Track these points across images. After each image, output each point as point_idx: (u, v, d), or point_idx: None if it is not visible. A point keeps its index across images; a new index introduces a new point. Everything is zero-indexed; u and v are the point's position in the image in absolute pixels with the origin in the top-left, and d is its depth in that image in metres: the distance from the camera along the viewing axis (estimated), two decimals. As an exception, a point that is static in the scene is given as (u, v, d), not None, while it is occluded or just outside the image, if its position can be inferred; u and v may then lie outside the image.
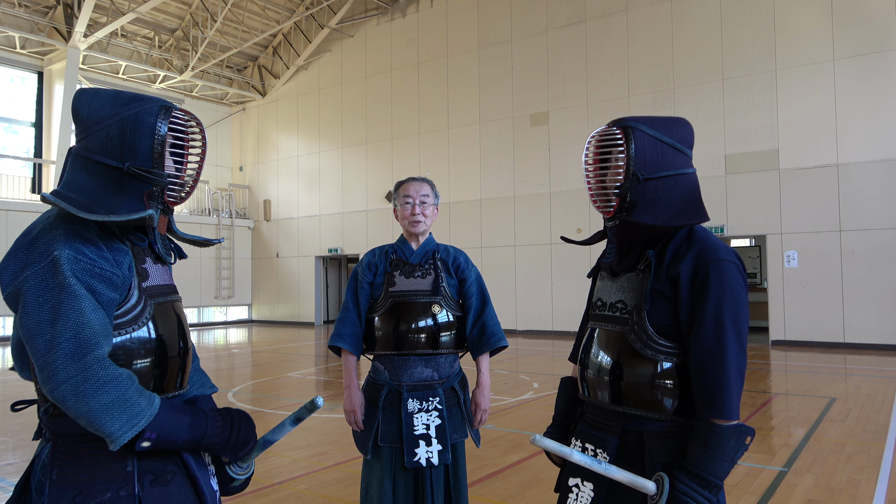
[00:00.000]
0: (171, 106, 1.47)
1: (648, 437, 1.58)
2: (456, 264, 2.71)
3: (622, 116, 1.69)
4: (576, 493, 1.67)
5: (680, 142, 1.66)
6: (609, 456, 1.60)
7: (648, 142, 1.62)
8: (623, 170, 1.63)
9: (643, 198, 1.62)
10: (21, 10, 15.92)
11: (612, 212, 1.67)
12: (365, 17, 18.84)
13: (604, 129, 1.68)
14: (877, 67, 11.93)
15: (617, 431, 1.62)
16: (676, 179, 1.64)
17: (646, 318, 1.59)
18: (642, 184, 1.61)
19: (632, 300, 1.63)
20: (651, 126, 1.64)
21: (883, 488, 4.22)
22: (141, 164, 1.43)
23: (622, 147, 1.63)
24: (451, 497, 2.56)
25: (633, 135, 1.62)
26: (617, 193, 1.64)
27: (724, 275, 1.53)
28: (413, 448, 2.47)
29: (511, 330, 15.54)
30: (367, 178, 18.69)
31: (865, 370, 9.51)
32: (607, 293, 1.73)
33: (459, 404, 2.64)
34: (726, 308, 1.51)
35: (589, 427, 1.71)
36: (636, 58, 14.45)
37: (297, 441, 5.68)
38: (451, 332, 2.63)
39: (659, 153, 1.62)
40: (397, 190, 2.73)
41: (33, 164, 16.65)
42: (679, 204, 1.63)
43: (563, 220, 15.16)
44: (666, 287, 1.58)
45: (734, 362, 1.49)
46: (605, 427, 1.65)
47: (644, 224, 1.61)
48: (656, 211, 1.61)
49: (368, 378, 2.71)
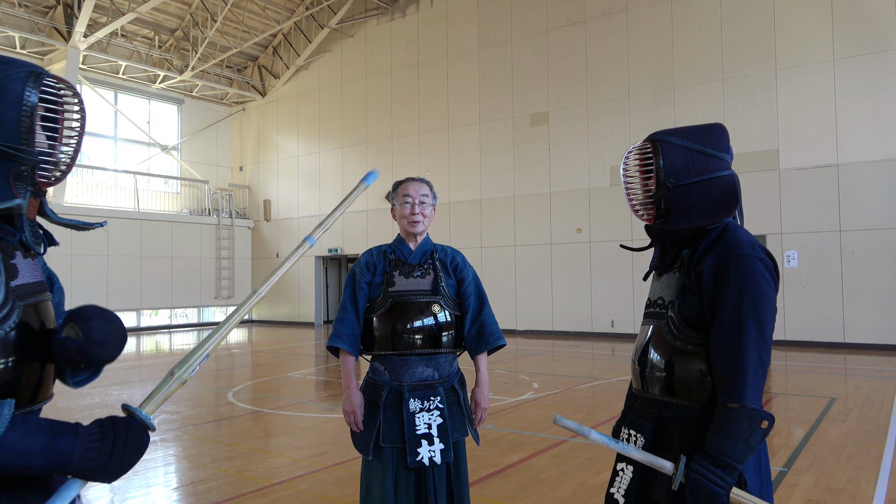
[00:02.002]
0: (41, 72, 1.27)
1: (680, 424, 1.68)
2: (454, 264, 2.72)
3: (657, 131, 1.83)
4: (620, 477, 1.79)
5: (712, 147, 1.76)
6: (645, 440, 1.71)
7: (677, 151, 1.75)
8: (653, 180, 1.78)
9: (678, 204, 1.74)
10: (21, 10, 15.92)
11: (651, 219, 1.82)
12: (365, 17, 18.84)
13: (637, 144, 1.84)
14: (877, 67, 11.93)
15: (653, 417, 1.73)
16: (712, 182, 1.74)
17: (677, 312, 1.70)
18: (674, 191, 1.74)
19: (669, 296, 1.76)
20: (681, 136, 1.77)
21: (883, 488, 4.22)
22: (6, 140, 1.23)
23: (650, 159, 1.78)
24: (453, 496, 2.56)
25: (661, 147, 1.76)
26: (650, 203, 1.79)
27: (745, 270, 1.61)
28: (415, 448, 2.46)
29: (511, 330, 15.54)
30: (367, 178, 18.67)
31: (865, 370, 9.51)
32: (654, 292, 1.87)
33: (459, 403, 2.65)
34: (747, 300, 1.58)
35: (634, 415, 1.83)
36: (636, 58, 14.45)
37: (297, 441, 5.68)
38: (450, 331, 2.64)
39: (689, 161, 1.75)
40: (396, 190, 2.72)
41: (33, 164, 16.63)
42: (715, 205, 1.73)
43: (563, 220, 15.16)
44: (693, 283, 1.69)
45: (754, 351, 1.55)
46: (645, 413, 1.77)
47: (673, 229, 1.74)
48: (692, 214, 1.73)
49: (367, 378, 2.69)
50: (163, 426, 6.28)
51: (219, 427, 6.37)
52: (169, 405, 7.30)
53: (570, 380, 8.79)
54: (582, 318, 14.89)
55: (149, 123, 19.98)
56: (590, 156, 14.94)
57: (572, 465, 4.77)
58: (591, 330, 14.75)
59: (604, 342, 13.68)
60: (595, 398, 7.44)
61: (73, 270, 16.79)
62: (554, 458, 4.93)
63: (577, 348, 12.77)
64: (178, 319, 20.09)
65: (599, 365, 10.59)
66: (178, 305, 19.52)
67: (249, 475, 4.65)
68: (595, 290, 14.74)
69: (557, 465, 4.77)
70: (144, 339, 16.43)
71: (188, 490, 4.39)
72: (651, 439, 1.71)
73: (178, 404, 7.39)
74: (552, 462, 4.84)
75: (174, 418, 6.66)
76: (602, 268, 14.63)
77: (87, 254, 17.03)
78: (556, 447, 5.26)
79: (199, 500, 4.17)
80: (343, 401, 2.61)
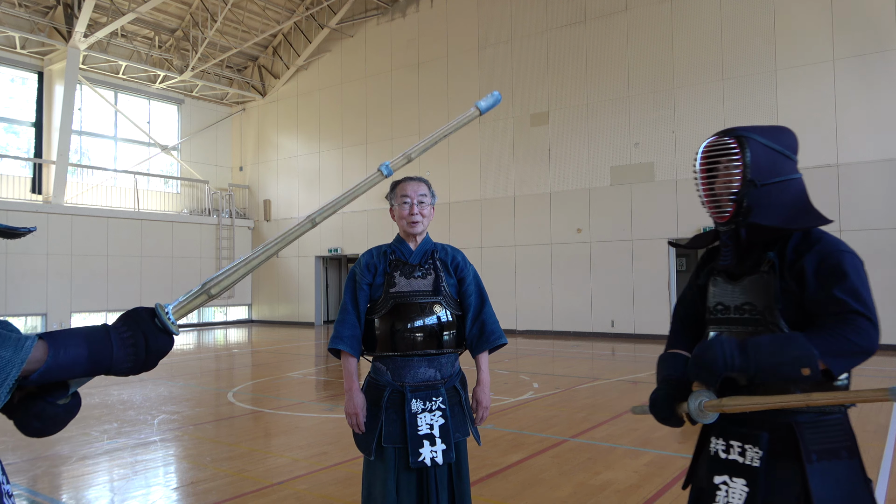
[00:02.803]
0: None
1: (799, 428, 1.63)
2: (455, 263, 2.71)
3: (731, 127, 1.79)
4: (725, 491, 1.70)
5: (787, 149, 1.77)
6: (762, 451, 1.66)
7: (762, 149, 1.74)
8: (738, 177, 1.73)
9: (758, 202, 1.72)
10: (21, 10, 15.92)
11: (727, 217, 1.76)
12: (365, 18, 18.84)
13: (716, 138, 1.79)
14: (877, 67, 11.93)
15: (767, 426, 1.67)
16: (787, 184, 1.75)
17: (779, 316, 1.67)
18: (758, 189, 1.72)
19: (762, 301, 1.71)
20: (762, 134, 1.75)
21: (883, 488, 4.22)
22: None
23: (737, 155, 1.73)
24: (454, 496, 2.56)
25: (747, 143, 1.73)
26: (733, 200, 1.74)
27: (846, 262, 1.64)
28: (417, 448, 2.47)
29: (511, 330, 15.54)
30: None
31: (865, 370, 9.50)
32: (729, 296, 1.80)
33: (461, 403, 2.65)
34: (854, 286, 1.59)
35: (733, 425, 1.74)
36: (636, 58, 14.45)
37: (297, 441, 5.68)
38: (452, 331, 2.63)
39: (771, 160, 1.74)
40: (394, 189, 2.70)
41: (33, 164, 16.65)
42: (790, 207, 1.73)
43: (563, 220, 15.16)
44: (792, 284, 1.67)
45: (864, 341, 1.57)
46: (752, 422, 1.70)
47: (768, 226, 1.71)
48: (770, 214, 1.72)
49: (369, 379, 2.69)
50: (163, 426, 6.28)
51: (219, 427, 6.37)
52: (169, 405, 7.30)
53: (570, 380, 8.79)
54: (582, 318, 14.89)
55: (149, 123, 19.98)
56: (590, 156, 14.94)
57: (572, 465, 4.77)
58: (591, 330, 14.75)
59: (604, 342, 13.68)
60: (595, 398, 7.44)
61: (73, 270, 16.79)
62: (554, 458, 4.93)
63: (577, 348, 12.77)
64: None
65: (599, 365, 10.59)
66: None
67: (249, 475, 4.65)
68: (595, 290, 14.74)
69: (557, 465, 4.77)
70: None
71: (188, 490, 4.39)
72: (768, 449, 1.66)
73: (178, 404, 7.39)
74: (552, 462, 4.84)
75: (174, 418, 6.66)
76: (602, 268, 14.63)
77: (87, 254, 17.02)
78: (556, 447, 5.26)
79: (199, 500, 4.17)
80: (345, 402, 2.61)
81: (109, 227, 17.63)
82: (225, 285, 1.31)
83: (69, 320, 16.82)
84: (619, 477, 4.45)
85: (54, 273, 16.40)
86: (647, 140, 14.22)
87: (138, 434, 5.95)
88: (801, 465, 1.59)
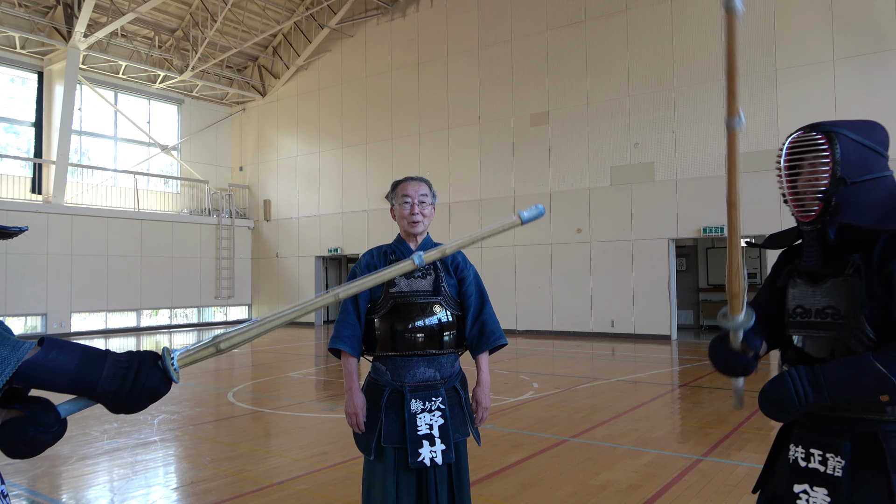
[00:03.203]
0: None
1: (885, 438, 1.56)
2: (455, 264, 2.71)
3: (818, 122, 1.71)
4: (805, 500, 1.64)
5: (879, 144, 1.68)
6: (844, 460, 1.60)
7: (852, 145, 1.64)
8: (827, 174, 1.64)
9: (847, 201, 1.63)
10: (21, 10, 15.92)
11: (813, 216, 1.68)
12: (365, 18, 18.84)
13: (802, 133, 1.70)
14: (877, 67, 11.93)
15: (849, 434, 1.60)
16: (877, 182, 1.65)
17: (864, 322, 1.59)
18: (848, 187, 1.63)
19: (845, 305, 1.63)
20: (851, 130, 1.66)
21: (883, 488, 4.21)
22: None
23: (826, 151, 1.64)
24: (454, 496, 2.56)
25: (836, 139, 1.64)
26: (821, 198, 1.65)
27: None
28: (417, 448, 2.47)
29: (511, 330, 15.54)
30: (367, 178, 18.70)
31: None
32: (810, 299, 1.72)
33: (461, 403, 2.65)
34: None
35: (812, 433, 1.67)
36: (636, 58, 14.45)
37: (297, 441, 5.68)
38: (452, 331, 2.64)
39: (861, 157, 1.65)
40: (395, 189, 2.71)
41: (33, 164, 16.65)
42: (881, 206, 1.64)
43: (563, 220, 15.16)
44: (879, 288, 1.59)
45: None
46: (834, 431, 1.63)
47: (860, 226, 1.61)
48: (860, 214, 1.62)
49: (369, 379, 2.69)
50: (163, 426, 6.28)
51: (219, 427, 6.38)
52: (169, 405, 7.30)
53: (570, 380, 8.79)
54: (582, 318, 14.89)
55: (149, 123, 19.98)
56: (590, 156, 14.94)
57: (572, 465, 4.77)
58: (591, 330, 14.75)
59: (604, 342, 13.68)
60: (595, 398, 7.44)
61: (73, 270, 16.79)
62: (554, 458, 4.93)
63: (577, 348, 12.77)
64: (178, 319, 20.08)
65: (599, 365, 10.59)
66: (178, 305, 19.53)
67: (249, 475, 4.65)
68: (595, 290, 14.74)
69: (557, 465, 4.77)
70: (144, 339, 16.43)
71: (188, 490, 4.39)
72: (851, 458, 1.59)
73: (178, 404, 7.39)
74: (552, 462, 4.84)
75: (174, 418, 6.66)
76: (602, 268, 14.63)
77: (87, 254, 17.02)
78: (556, 447, 5.26)
79: (199, 500, 4.17)
80: (345, 402, 2.61)
81: (109, 227, 17.63)
82: (235, 342, 1.32)
83: (69, 320, 16.82)
84: (619, 477, 4.45)
85: (54, 273, 16.40)
86: (647, 140, 14.22)
87: (138, 434, 5.95)
88: (886, 476, 1.54)
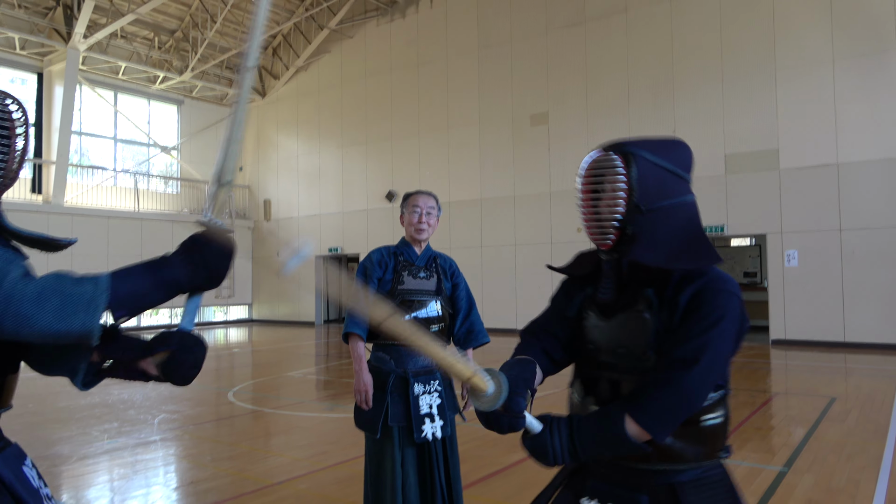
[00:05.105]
0: None
1: (682, 489, 1.44)
2: (451, 270, 3.20)
3: (617, 140, 1.53)
4: None
5: (679, 166, 1.50)
6: None
7: (649, 168, 1.46)
8: (624, 200, 1.45)
9: (642, 230, 1.45)
10: (21, 12, 15.92)
11: (609, 244, 1.49)
12: (364, 18, 18.84)
13: (600, 154, 1.51)
14: (877, 67, 11.93)
15: (645, 488, 1.46)
16: (676, 209, 1.48)
17: (654, 360, 1.44)
18: (643, 215, 1.45)
19: (637, 345, 1.47)
20: (651, 150, 1.48)
21: (883, 488, 4.21)
22: None
23: (623, 175, 1.45)
24: (448, 463, 3.00)
25: (633, 161, 1.45)
26: (616, 226, 1.47)
27: (719, 300, 1.40)
28: (420, 425, 2.89)
29: (511, 330, 15.53)
30: (366, 178, 18.70)
31: (866, 369, 9.50)
32: (603, 336, 1.56)
33: (451, 385, 3.10)
34: (708, 327, 1.37)
35: (606, 484, 1.54)
36: (636, 58, 14.45)
37: (297, 441, 5.68)
38: (443, 324, 3.12)
39: (660, 180, 1.46)
40: (406, 199, 3.14)
41: (33, 164, 16.65)
42: (679, 237, 1.46)
43: (563, 219, 15.15)
44: (667, 322, 1.44)
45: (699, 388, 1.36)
46: (629, 484, 1.49)
47: (651, 266, 1.44)
48: (656, 245, 1.44)
49: (370, 366, 3.02)
50: (163, 426, 6.28)
51: (219, 427, 6.38)
52: (169, 405, 7.30)
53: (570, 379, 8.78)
54: (582, 318, 14.88)
55: (149, 124, 19.99)
56: (590, 156, 14.93)
57: (572, 464, 4.76)
58: (591, 330, 14.73)
59: (604, 342, 13.67)
60: (595, 398, 7.43)
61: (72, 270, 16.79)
62: (554, 458, 4.93)
63: (577, 348, 12.75)
64: (178, 319, 20.07)
65: (599, 365, 10.58)
66: (179, 305, 19.47)
67: (249, 475, 4.65)
68: (595, 290, 14.72)
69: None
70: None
71: (188, 490, 4.39)
72: None
73: (178, 404, 7.39)
74: (552, 462, 4.84)
75: (174, 418, 6.66)
76: (602, 268, 14.62)
77: (87, 254, 17.02)
78: (556, 447, 5.25)
79: (199, 500, 4.17)
80: (354, 381, 2.96)
81: (109, 227, 17.64)
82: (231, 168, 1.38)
83: (69, 321, 16.81)
84: (619, 476, 4.44)
85: (54, 273, 16.39)
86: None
87: (138, 433, 5.95)
88: None
